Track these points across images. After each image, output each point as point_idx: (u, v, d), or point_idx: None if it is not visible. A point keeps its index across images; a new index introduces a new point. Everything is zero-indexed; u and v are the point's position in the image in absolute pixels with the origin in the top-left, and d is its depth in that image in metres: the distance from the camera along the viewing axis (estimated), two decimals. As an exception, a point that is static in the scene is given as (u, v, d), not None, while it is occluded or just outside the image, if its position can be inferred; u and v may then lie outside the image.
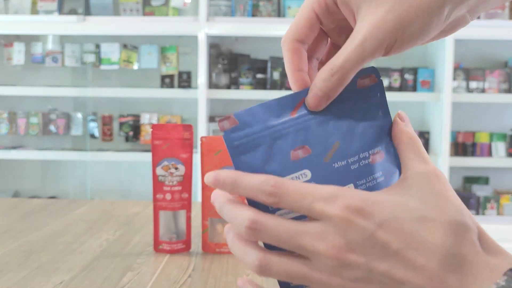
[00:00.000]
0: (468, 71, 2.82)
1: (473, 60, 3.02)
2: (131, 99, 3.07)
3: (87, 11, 2.91)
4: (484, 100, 2.74)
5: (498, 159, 2.78)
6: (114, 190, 3.14)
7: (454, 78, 2.81)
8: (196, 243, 0.86)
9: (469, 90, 2.82)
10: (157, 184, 0.80)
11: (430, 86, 2.81)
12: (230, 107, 3.02)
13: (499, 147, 2.82)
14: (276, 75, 2.82)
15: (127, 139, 3.00)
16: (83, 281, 0.68)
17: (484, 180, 3.03)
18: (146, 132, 2.95)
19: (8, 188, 3.15)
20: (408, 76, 2.81)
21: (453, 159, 2.75)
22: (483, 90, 2.81)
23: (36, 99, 3.09)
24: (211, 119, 2.89)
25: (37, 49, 2.91)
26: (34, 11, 2.88)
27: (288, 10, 2.82)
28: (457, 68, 2.82)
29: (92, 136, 3.02)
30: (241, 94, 2.78)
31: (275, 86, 2.81)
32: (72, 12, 2.96)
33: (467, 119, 3.04)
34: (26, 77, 3.10)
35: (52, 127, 2.97)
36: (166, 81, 2.87)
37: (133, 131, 2.99)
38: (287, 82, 2.73)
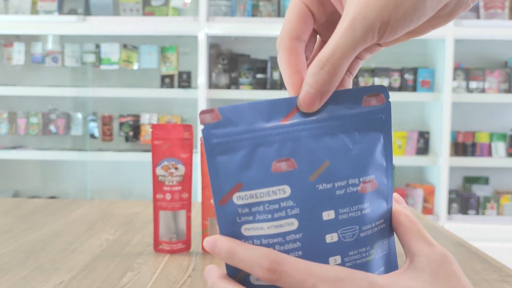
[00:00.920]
0: (468, 71, 2.82)
1: (473, 60, 3.02)
2: (131, 99, 3.07)
3: (87, 11, 2.91)
4: (484, 100, 2.74)
5: (498, 159, 2.78)
6: (114, 190, 3.14)
7: (454, 78, 2.80)
8: (196, 243, 0.86)
9: (469, 90, 2.82)
10: (157, 184, 0.80)
11: (430, 86, 2.80)
12: (230, 107, 3.01)
13: (499, 147, 2.82)
14: (276, 75, 2.82)
15: (127, 139, 3.00)
16: (83, 281, 0.68)
17: (484, 180, 3.03)
18: (146, 132, 2.95)
19: (8, 188, 3.15)
20: (408, 76, 2.81)
21: (453, 159, 2.75)
22: (483, 90, 2.81)
23: (36, 99, 3.09)
24: (211, 119, 2.88)
25: (37, 49, 2.91)
26: (34, 11, 2.88)
27: (288, 10, 2.82)
28: (457, 68, 2.82)
29: (92, 136, 3.02)
30: (241, 94, 2.78)
31: (275, 86, 2.81)
32: (72, 12, 2.96)
33: (467, 119, 3.04)
34: (26, 77, 3.10)
35: (52, 127, 2.96)
36: (166, 81, 2.87)
37: (133, 131, 2.99)
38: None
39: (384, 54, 3.00)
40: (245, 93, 2.78)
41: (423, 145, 2.86)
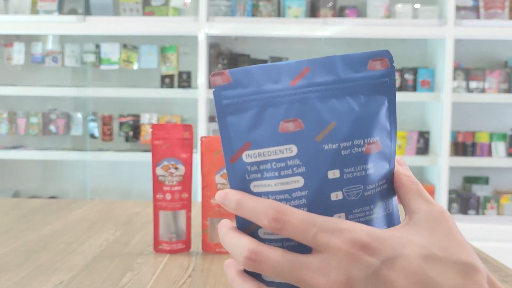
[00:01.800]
0: (468, 71, 2.82)
1: (473, 60, 3.02)
2: (131, 99, 3.07)
3: (87, 11, 2.91)
4: (484, 100, 2.74)
5: (498, 159, 2.78)
6: (114, 190, 3.14)
7: (454, 78, 2.80)
8: (196, 243, 0.86)
9: (469, 90, 2.82)
10: (157, 184, 0.80)
11: (430, 86, 2.80)
12: (230, 107, 3.01)
13: (499, 147, 2.82)
14: (276, 75, 2.81)
15: (127, 139, 3.00)
16: (83, 281, 0.68)
17: (484, 180, 3.03)
18: (146, 132, 2.95)
19: (8, 188, 3.15)
20: (408, 76, 2.81)
21: (453, 159, 2.75)
22: (483, 90, 2.81)
23: (36, 99, 3.08)
24: (211, 119, 2.88)
25: (37, 49, 2.90)
26: (34, 11, 2.88)
27: (288, 10, 2.82)
28: (457, 68, 2.82)
29: (92, 136, 3.02)
30: (241, 94, 2.77)
31: (275, 86, 2.81)
32: (72, 12, 2.96)
33: (467, 119, 3.04)
34: (26, 77, 3.09)
35: (52, 127, 2.96)
36: (166, 81, 2.87)
37: (133, 131, 2.99)
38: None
39: (384, 54, 2.99)
40: (245, 93, 2.78)
41: (423, 145, 2.86)
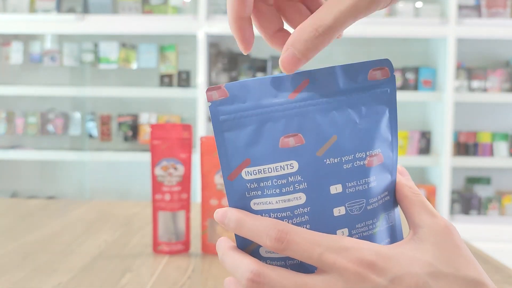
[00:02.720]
0: (470, 70, 2.81)
1: (475, 59, 3.01)
2: (129, 99, 3.06)
3: (86, 10, 2.89)
4: (486, 100, 2.73)
5: (500, 159, 2.77)
6: (112, 191, 3.13)
7: (456, 78, 2.80)
8: (196, 244, 0.86)
9: (471, 89, 2.81)
10: (156, 184, 0.79)
11: (431, 85, 2.80)
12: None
13: (501, 147, 2.81)
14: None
15: (125, 139, 2.99)
16: (82, 282, 0.67)
17: (486, 180, 3.02)
18: (145, 132, 2.94)
19: (6, 188, 3.14)
20: (410, 76, 2.80)
21: (455, 159, 2.74)
22: (485, 90, 2.80)
23: (34, 99, 3.08)
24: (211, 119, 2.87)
25: (35, 48, 2.89)
26: (32, 10, 2.87)
27: (288, 9, 2.81)
28: (459, 67, 2.81)
29: (91, 136, 3.01)
30: (241, 94, 2.77)
31: (275, 85, 2.80)
32: (71, 10, 2.95)
33: (469, 118, 3.03)
34: (24, 76, 3.08)
35: (50, 127, 2.95)
36: (165, 81, 2.86)
37: (131, 131, 2.98)
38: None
39: (385, 53, 2.99)
40: (245, 93, 2.77)
41: (425, 145, 2.85)
